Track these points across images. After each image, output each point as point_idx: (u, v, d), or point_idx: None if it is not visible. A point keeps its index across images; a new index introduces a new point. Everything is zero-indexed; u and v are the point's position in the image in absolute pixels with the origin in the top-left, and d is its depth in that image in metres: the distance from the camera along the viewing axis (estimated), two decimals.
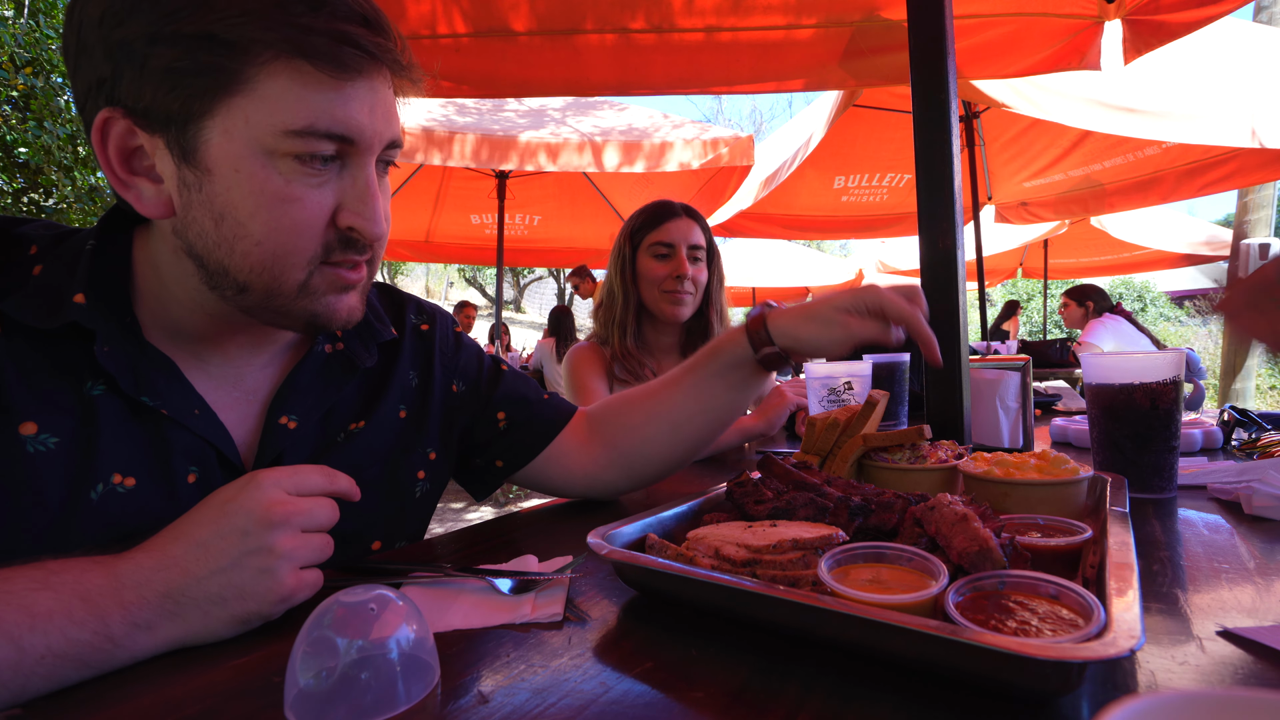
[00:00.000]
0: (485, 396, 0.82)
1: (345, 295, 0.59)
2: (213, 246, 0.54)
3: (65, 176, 5.08)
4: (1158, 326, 13.63)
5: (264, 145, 0.51)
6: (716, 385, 0.79)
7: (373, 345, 0.71)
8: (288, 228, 0.53)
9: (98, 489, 0.53)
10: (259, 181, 0.52)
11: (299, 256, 0.55)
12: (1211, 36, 2.72)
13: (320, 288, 0.57)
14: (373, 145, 0.56)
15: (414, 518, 0.74)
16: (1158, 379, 0.76)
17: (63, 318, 0.53)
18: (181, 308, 0.59)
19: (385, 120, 0.57)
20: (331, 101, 0.52)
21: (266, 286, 0.55)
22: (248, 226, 0.53)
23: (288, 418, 0.63)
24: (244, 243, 0.53)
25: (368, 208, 0.56)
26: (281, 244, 0.54)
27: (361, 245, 0.58)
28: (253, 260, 0.54)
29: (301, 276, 0.55)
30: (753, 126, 29.96)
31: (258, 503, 0.46)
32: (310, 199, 0.54)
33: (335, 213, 0.56)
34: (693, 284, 1.45)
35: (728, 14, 1.61)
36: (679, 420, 0.81)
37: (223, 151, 0.51)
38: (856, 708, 0.35)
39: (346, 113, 0.53)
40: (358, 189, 0.56)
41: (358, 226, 0.56)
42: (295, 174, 0.53)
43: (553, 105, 3.63)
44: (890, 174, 3.97)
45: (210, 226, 0.53)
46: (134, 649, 0.42)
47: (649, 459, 0.83)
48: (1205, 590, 0.50)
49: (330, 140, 0.53)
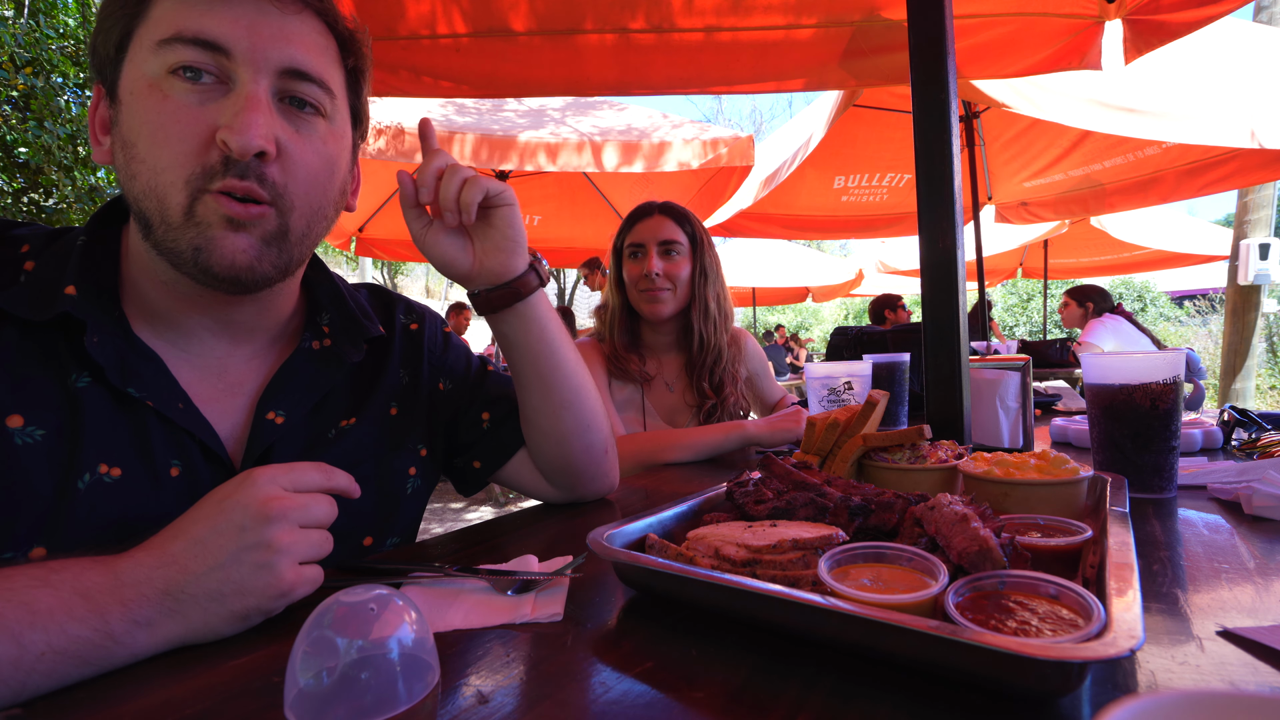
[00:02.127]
0: (471, 395, 0.82)
1: (235, 234, 0.55)
2: (124, 180, 0.56)
3: (65, 176, 5.08)
4: (1158, 326, 13.63)
5: (149, 66, 0.54)
6: (500, 344, 0.76)
7: (360, 341, 0.72)
8: (162, 141, 0.53)
9: (85, 479, 0.53)
10: (144, 101, 0.54)
11: (176, 173, 0.53)
12: (1211, 36, 2.72)
13: (205, 217, 0.54)
14: (254, 60, 0.55)
15: (405, 514, 0.74)
16: (1158, 379, 0.76)
17: (55, 309, 0.54)
18: (147, 287, 0.60)
19: (274, 39, 0.56)
20: (201, 11, 0.54)
21: (158, 214, 0.54)
22: (138, 147, 0.54)
23: (275, 413, 0.64)
24: (134, 164, 0.54)
25: (239, 119, 0.53)
26: (160, 159, 0.53)
27: (243, 167, 0.54)
28: (140, 182, 0.54)
29: (183, 199, 0.54)
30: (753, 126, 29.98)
31: (254, 498, 0.47)
32: (185, 113, 0.53)
33: (215, 132, 0.54)
34: (668, 279, 1.43)
35: (727, 14, 1.61)
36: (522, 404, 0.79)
37: (128, 80, 0.55)
38: (857, 707, 0.35)
39: (215, 20, 0.54)
40: (235, 104, 0.54)
41: (228, 140, 0.53)
42: (175, 89, 0.54)
43: (552, 105, 3.63)
44: (890, 174, 3.96)
45: (122, 159, 0.55)
46: (134, 646, 0.42)
47: (538, 457, 0.82)
48: (1205, 590, 0.50)
49: (199, 48, 0.53)
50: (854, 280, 8.47)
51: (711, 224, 4.07)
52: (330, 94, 0.61)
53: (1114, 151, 3.35)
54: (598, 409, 0.82)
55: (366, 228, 4.54)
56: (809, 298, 9.67)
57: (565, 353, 0.77)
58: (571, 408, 0.78)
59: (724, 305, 1.51)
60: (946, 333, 1.05)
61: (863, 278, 8.38)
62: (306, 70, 0.58)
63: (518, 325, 0.74)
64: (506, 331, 0.75)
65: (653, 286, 1.42)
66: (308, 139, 0.59)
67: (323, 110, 0.61)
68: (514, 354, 0.76)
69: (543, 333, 0.75)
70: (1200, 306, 14.10)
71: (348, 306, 0.73)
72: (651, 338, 1.53)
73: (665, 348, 1.53)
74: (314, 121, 0.60)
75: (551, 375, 0.76)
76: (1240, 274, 5.07)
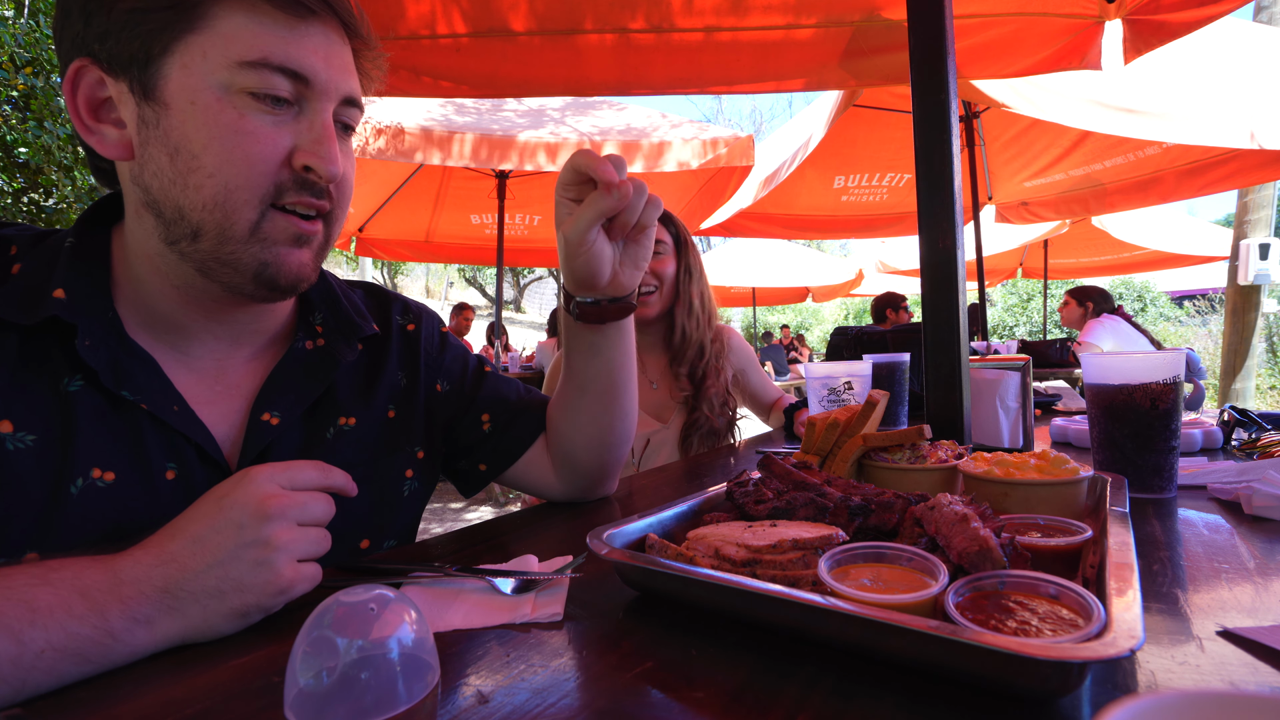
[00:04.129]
0: (470, 397, 0.82)
1: (298, 249, 0.59)
2: (168, 185, 0.54)
3: (65, 176, 5.08)
4: (1158, 326, 13.62)
5: (220, 79, 0.53)
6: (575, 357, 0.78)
7: (354, 340, 0.72)
8: (240, 159, 0.54)
9: (77, 483, 0.53)
10: (214, 113, 0.53)
11: (250, 191, 0.54)
12: (1211, 36, 2.72)
13: (272, 235, 0.57)
14: (328, 90, 0.57)
15: (403, 516, 0.74)
16: (1158, 379, 0.76)
17: (42, 312, 0.53)
18: (151, 289, 0.60)
19: (341, 71, 0.59)
20: (285, 39, 0.54)
21: (219, 227, 0.55)
22: (201, 159, 0.53)
23: (270, 414, 0.64)
24: (197, 175, 0.53)
25: (324, 147, 0.56)
26: (233, 176, 0.54)
27: (318, 188, 0.58)
28: (205, 195, 0.54)
29: (253, 216, 0.55)
30: (753, 126, 29.97)
31: (252, 496, 0.47)
32: (264, 134, 0.54)
33: (291, 154, 0.56)
34: (654, 277, 1.47)
35: (727, 14, 1.61)
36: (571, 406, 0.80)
37: (180, 85, 0.53)
38: (857, 707, 0.35)
39: (301, 50, 0.55)
40: (314, 131, 0.57)
41: (314, 164, 0.56)
42: (250, 109, 0.54)
43: (552, 105, 3.63)
44: (890, 174, 3.97)
45: (166, 163, 0.54)
46: (133, 644, 0.42)
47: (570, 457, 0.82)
48: (1205, 590, 0.50)
49: (284, 76, 0.54)
50: (854, 280, 8.47)
51: (711, 224, 4.07)
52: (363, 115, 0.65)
53: (1114, 151, 3.35)
54: (635, 419, 0.85)
55: (366, 228, 4.54)
56: (809, 298, 9.67)
57: (634, 367, 0.81)
58: (626, 418, 0.81)
59: (707, 304, 1.55)
60: (946, 333, 1.05)
61: (863, 278, 8.39)
62: (357, 100, 0.62)
63: (616, 337, 0.77)
64: (600, 341, 0.76)
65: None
66: (348, 157, 0.63)
67: (354, 129, 0.64)
68: (595, 363, 0.77)
69: (629, 347, 0.79)
70: (1200, 306, 14.10)
71: (340, 305, 0.73)
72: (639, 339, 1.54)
73: (648, 348, 1.57)
74: (349, 140, 0.64)
75: (623, 386, 0.79)
76: (1240, 274, 5.07)
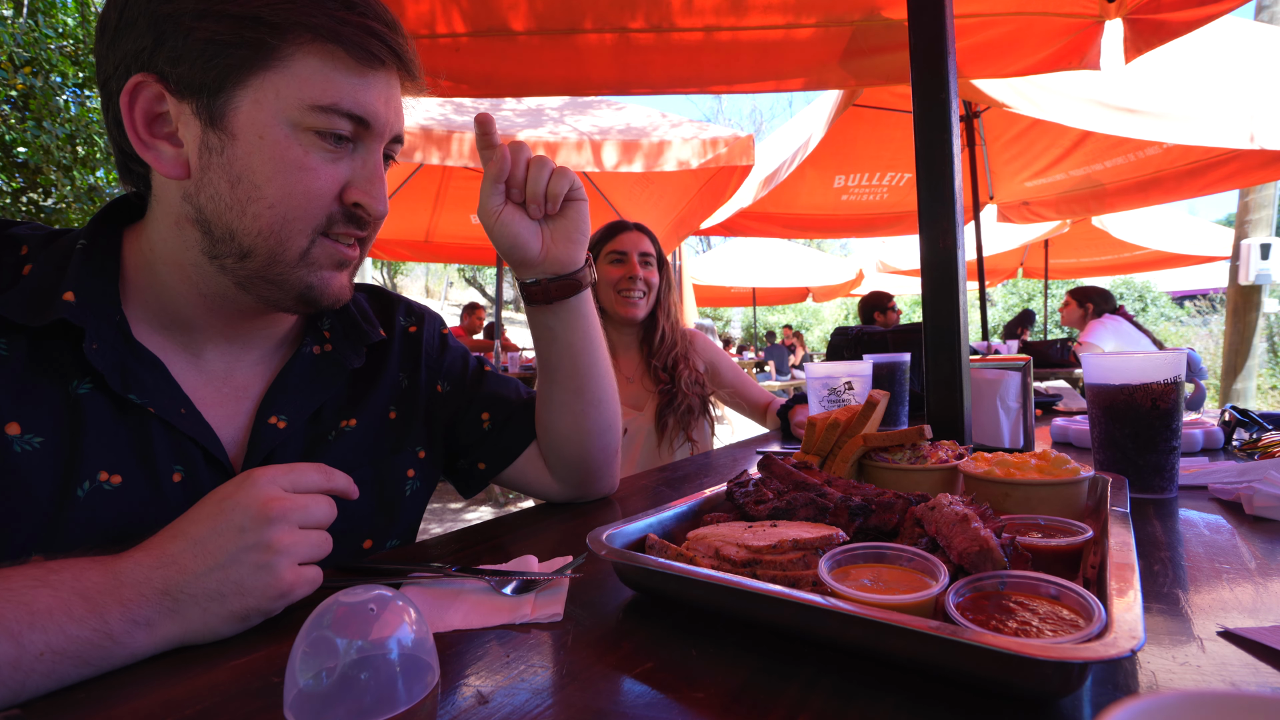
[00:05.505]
0: (469, 397, 0.82)
1: (339, 273, 0.63)
2: (224, 209, 0.56)
3: (64, 176, 5.08)
4: (1158, 326, 13.62)
5: (290, 117, 0.56)
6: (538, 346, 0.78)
7: (361, 346, 0.72)
8: (300, 193, 0.57)
9: (84, 486, 0.53)
10: (281, 149, 0.56)
11: (305, 223, 0.58)
12: (1212, 35, 2.71)
13: (319, 259, 0.60)
14: (384, 133, 0.61)
15: (405, 516, 0.74)
16: (1158, 379, 0.76)
17: (51, 315, 0.54)
18: (174, 294, 0.60)
19: (395, 113, 0.63)
20: (355, 86, 0.58)
21: (270, 251, 0.58)
22: (263, 190, 0.56)
23: (277, 417, 0.64)
24: (257, 205, 0.56)
25: (375, 187, 0.61)
26: (292, 208, 0.57)
27: (363, 221, 0.62)
28: (263, 223, 0.57)
29: (304, 244, 0.59)
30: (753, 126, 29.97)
31: (254, 499, 0.47)
32: (324, 171, 0.58)
33: (344, 189, 0.60)
34: (645, 285, 1.64)
35: (727, 13, 1.61)
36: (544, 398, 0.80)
37: (250, 119, 0.55)
38: (857, 708, 0.35)
39: (368, 97, 0.58)
40: (367, 170, 0.61)
41: (364, 203, 0.60)
42: (314, 147, 0.57)
43: (550, 105, 3.63)
44: (890, 173, 3.96)
45: (226, 189, 0.56)
46: (133, 646, 0.42)
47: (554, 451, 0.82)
48: (1206, 591, 0.50)
49: (349, 120, 0.58)
50: (854, 280, 8.47)
51: (711, 223, 4.07)
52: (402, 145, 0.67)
53: (1115, 151, 3.35)
54: (618, 410, 0.83)
55: None
56: (809, 298, 9.68)
57: (602, 352, 0.79)
58: (600, 405, 0.80)
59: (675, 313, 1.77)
60: (947, 333, 1.05)
61: (863, 278, 8.38)
62: (402, 136, 0.66)
63: (568, 319, 0.76)
64: (554, 325, 0.76)
65: (633, 289, 1.63)
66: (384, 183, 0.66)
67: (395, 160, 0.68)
68: (554, 349, 0.77)
69: (588, 329, 0.77)
70: (1201, 306, 14.10)
71: (349, 311, 0.73)
72: (617, 338, 1.71)
73: (625, 347, 1.73)
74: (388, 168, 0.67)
75: (588, 372, 0.78)
76: (1241, 274, 5.07)
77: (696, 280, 7.80)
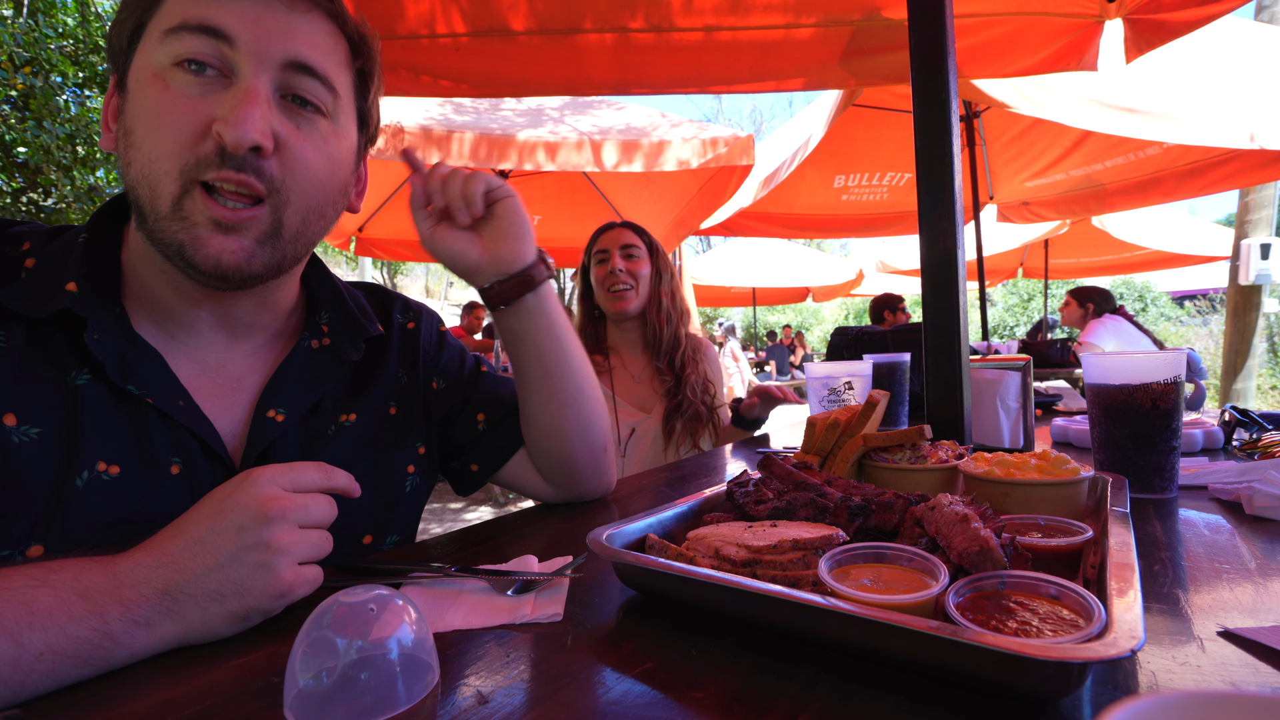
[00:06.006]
0: (465, 396, 0.82)
1: (220, 235, 0.55)
2: (125, 168, 0.56)
3: (64, 176, 5.08)
4: (1158, 326, 13.61)
5: (155, 57, 0.54)
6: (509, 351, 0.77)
7: (359, 341, 0.72)
8: (159, 129, 0.54)
9: (83, 476, 0.53)
10: (147, 90, 0.54)
11: (170, 161, 0.53)
12: (1212, 35, 2.71)
13: (192, 215, 0.54)
14: (257, 53, 0.55)
15: (405, 513, 0.74)
16: (1158, 379, 0.76)
17: (55, 305, 0.54)
18: (149, 279, 0.60)
19: (280, 33, 0.56)
20: (209, 2, 0.54)
21: (150, 202, 0.54)
22: (136, 135, 0.55)
23: (275, 411, 0.64)
24: (132, 151, 0.55)
25: (236, 113, 0.53)
26: (154, 146, 0.54)
27: (243, 162, 0.54)
28: (136, 170, 0.55)
29: (174, 189, 0.53)
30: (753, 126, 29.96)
31: (253, 499, 0.47)
32: (184, 103, 0.53)
33: (212, 123, 0.53)
34: (630, 276, 1.62)
35: (727, 13, 1.61)
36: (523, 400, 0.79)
37: (135, 70, 0.55)
38: (857, 708, 0.35)
39: (222, 10, 0.54)
40: (234, 96, 0.54)
41: (224, 132, 0.52)
42: (176, 79, 0.54)
43: (550, 104, 3.62)
44: (890, 173, 3.96)
45: (122, 146, 0.56)
46: (133, 646, 0.42)
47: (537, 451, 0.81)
48: (1206, 590, 0.50)
49: (202, 35, 0.53)
50: (854, 280, 8.47)
51: (711, 223, 4.06)
52: (334, 93, 0.61)
53: (1115, 152, 3.34)
54: (600, 406, 0.82)
55: (366, 228, 4.53)
56: (809, 298, 9.68)
57: (572, 348, 0.78)
58: (575, 404, 0.78)
59: (679, 303, 1.73)
60: (946, 333, 1.05)
61: (863, 278, 8.38)
62: (310, 65, 0.58)
63: (527, 319, 0.75)
64: (515, 326, 0.75)
65: (617, 282, 1.62)
66: (308, 136, 0.59)
67: (324, 109, 0.60)
68: (520, 349, 0.76)
69: (551, 327, 0.76)
70: (1201, 306, 14.10)
71: (347, 305, 0.73)
72: (619, 336, 1.73)
73: (630, 345, 1.73)
74: (315, 120, 0.60)
75: (558, 370, 0.77)
76: (1241, 274, 5.06)
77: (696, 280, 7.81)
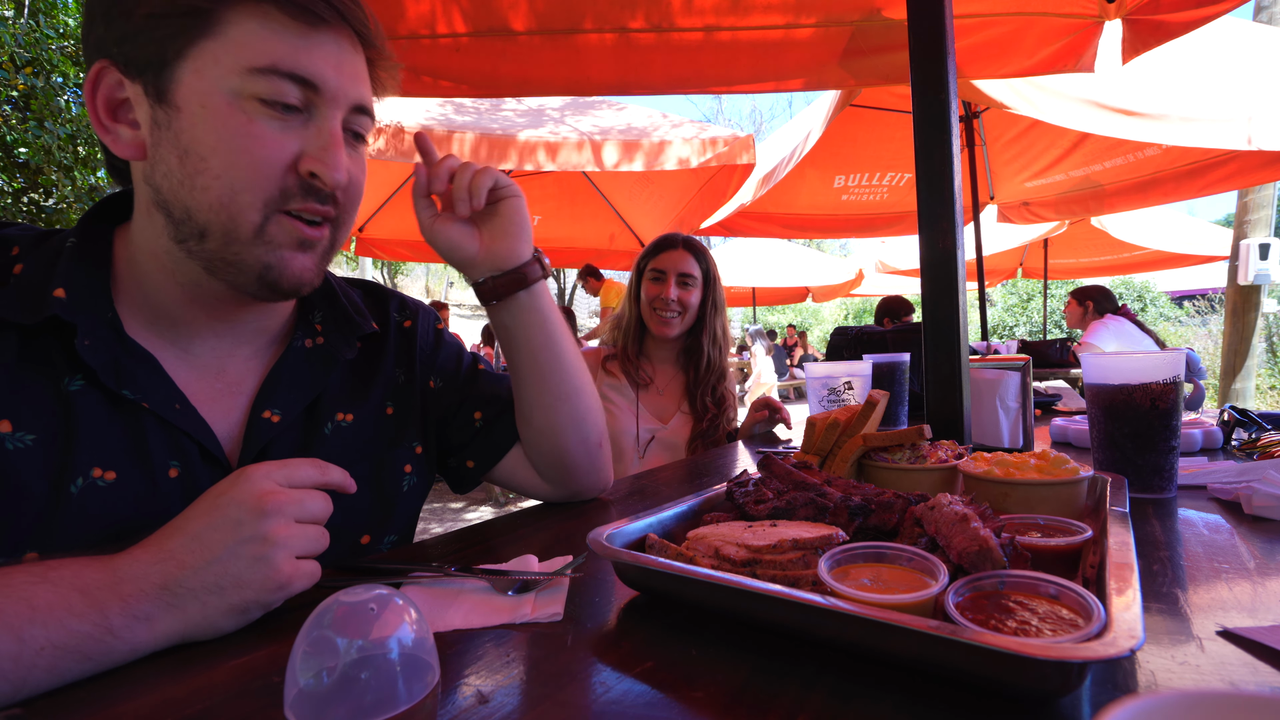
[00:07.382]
0: (462, 394, 0.82)
1: (301, 254, 0.59)
2: (176, 185, 0.55)
3: (65, 176, 5.08)
4: (1158, 326, 13.60)
5: (230, 84, 0.54)
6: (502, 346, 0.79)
7: (353, 338, 0.72)
8: (246, 163, 0.55)
9: (77, 483, 0.53)
10: (223, 117, 0.54)
11: (255, 194, 0.55)
12: (1210, 36, 2.71)
13: (277, 238, 0.58)
14: (337, 98, 0.58)
15: (403, 512, 0.74)
16: (1158, 379, 0.76)
17: (43, 312, 0.54)
18: (157, 287, 0.60)
19: (351, 79, 0.59)
20: (296, 46, 0.55)
21: (224, 228, 0.56)
22: (208, 161, 0.54)
23: (271, 411, 0.64)
24: (203, 177, 0.55)
25: (330, 155, 0.57)
26: (238, 179, 0.55)
27: (323, 194, 0.58)
28: (211, 196, 0.55)
29: (257, 219, 0.56)
30: (753, 126, 29.94)
31: (249, 494, 0.47)
32: (271, 138, 0.55)
33: (298, 159, 0.57)
34: (680, 305, 1.66)
35: (727, 14, 1.61)
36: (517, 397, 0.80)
37: (192, 89, 0.54)
38: (857, 707, 0.35)
39: (310, 58, 0.56)
40: (322, 138, 0.57)
41: (319, 171, 0.57)
42: (259, 114, 0.55)
43: (551, 105, 3.63)
44: (890, 173, 3.96)
45: (175, 164, 0.55)
46: (134, 641, 0.42)
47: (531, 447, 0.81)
48: (1205, 590, 0.50)
49: (293, 83, 0.55)
50: (854, 280, 8.47)
51: (711, 223, 4.07)
52: (374, 124, 0.65)
53: (1114, 152, 3.35)
54: (594, 403, 0.82)
55: (366, 228, 4.54)
56: (809, 298, 9.68)
57: (565, 345, 0.78)
58: (568, 400, 0.79)
59: (727, 334, 1.79)
60: (946, 333, 1.05)
61: (863, 278, 8.38)
62: (368, 108, 0.62)
63: (520, 316, 0.75)
64: (508, 322, 0.76)
65: (667, 309, 1.65)
66: (358, 163, 0.63)
67: (367, 138, 0.65)
68: (513, 346, 0.77)
69: (544, 324, 0.76)
70: (1200, 307, 14.09)
71: (339, 302, 0.73)
72: (655, 350, 1.76)
73: (664, 359, 1.77)
74: (361, 148, 0.65)
75: (550, 367, 0.77)
76: (1240, 274, 5.06)
77: None
